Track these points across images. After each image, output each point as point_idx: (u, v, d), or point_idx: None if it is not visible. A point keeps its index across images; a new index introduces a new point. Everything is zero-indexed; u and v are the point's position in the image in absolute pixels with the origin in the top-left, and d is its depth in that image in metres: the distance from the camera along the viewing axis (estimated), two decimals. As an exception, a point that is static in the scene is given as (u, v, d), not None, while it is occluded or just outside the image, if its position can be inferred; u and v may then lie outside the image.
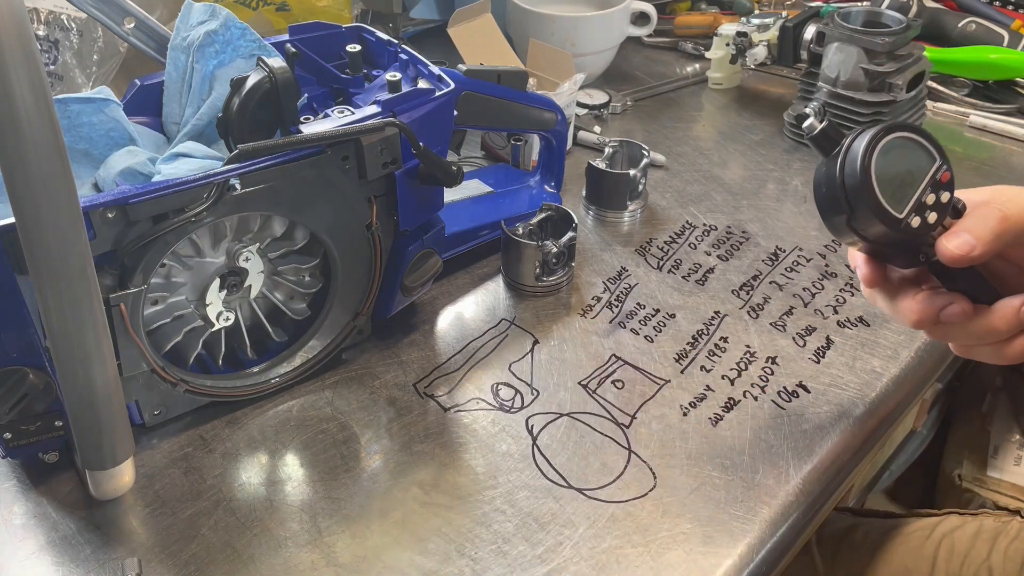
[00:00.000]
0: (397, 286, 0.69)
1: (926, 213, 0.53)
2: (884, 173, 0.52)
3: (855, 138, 0.53)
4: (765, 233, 0.86)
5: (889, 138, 0.53)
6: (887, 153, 0.53)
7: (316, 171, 0.60)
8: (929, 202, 0.53)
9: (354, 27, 0.75)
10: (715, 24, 1.17)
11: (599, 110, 1.07)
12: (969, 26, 1.13)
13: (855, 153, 0.52)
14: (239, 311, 0.65)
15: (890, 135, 0.53)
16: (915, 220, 0.53)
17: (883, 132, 0.53)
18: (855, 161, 0.52)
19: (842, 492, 0.65)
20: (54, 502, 0.59)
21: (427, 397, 0.68)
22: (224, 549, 0.56)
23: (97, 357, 0.50)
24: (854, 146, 0.53)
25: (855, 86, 0.95)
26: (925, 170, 0.53)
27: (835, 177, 0.53)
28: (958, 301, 0.54)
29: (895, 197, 0.52)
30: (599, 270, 0.81)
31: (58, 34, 0.91)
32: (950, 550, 0.82)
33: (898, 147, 0.53)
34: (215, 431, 0.64)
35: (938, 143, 0.54)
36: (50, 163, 0.43)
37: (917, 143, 0.54)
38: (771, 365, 0.71)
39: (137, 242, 0.54)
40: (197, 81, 0.67)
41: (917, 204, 0.53)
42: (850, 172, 0.52)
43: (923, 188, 0.53)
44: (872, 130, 0.53)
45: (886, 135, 0.53)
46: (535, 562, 0.56)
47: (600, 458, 0.63)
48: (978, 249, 0.51)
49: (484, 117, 0.77)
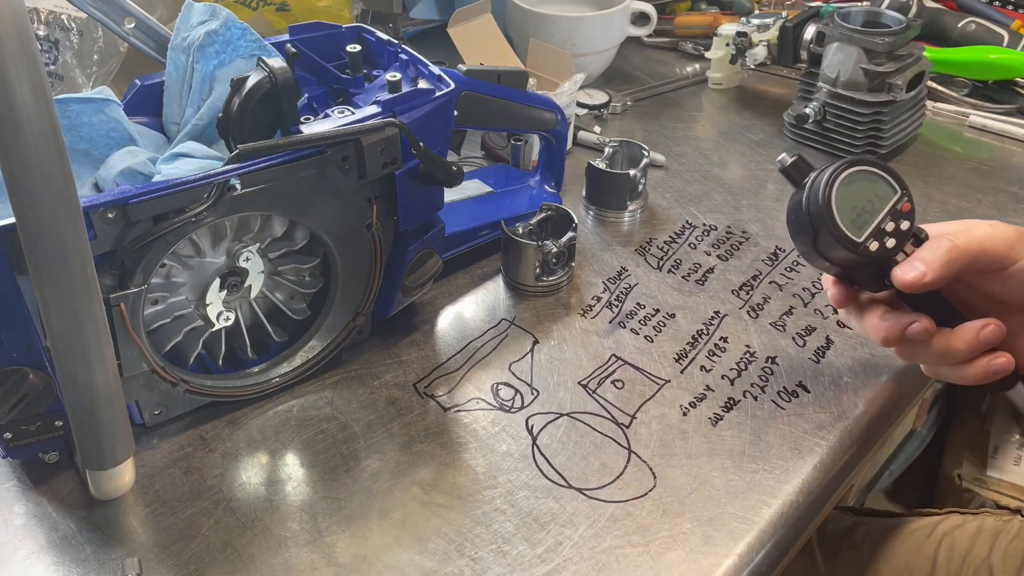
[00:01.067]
0: (397, 286, 0.69)
1: (885, 239, 0.58)
2: (845, 201, 0.57)
3: (821, 171, 0.59)
4: (765, 233, 0.86)
5: (851, 171, 0.58)
6: (849, 184, 0.58)
7: (316, 171, 0.60)
8: (888, 229, 0.58)
9: (354, 27, 0.75)
10: (715, 24, 1.18)
11: (599, 110, 1.07)
12: (969, 26, 1.13)
13: (819, 183, 0.58)
14: (239, 311, 0.65)
15: (852, 168, 0.58)
16: (873, 244, 0.57)
17: (846, 165, 0.58)
18: (819, 189, 0.58)
19: (842, 492, 0.65)
20: (54, 502, 0.59)
21: (427, 397, 0.68)
22: (224, 549, 0.56)
23: (97, 357, 0.50)
24: (819, 177, 0.59)
25: (855, 86, 0.95)
26: (885, 200, 0.59)
27: (802, 204, 0.59)
28: (921, 320, 0.58)
29: (855, 223, 0.58)
30: (599, 270, 0.81)
31: (58, 34, 0.92)
32: (951, 549, 0.82)
33: (860, 179, 0.58)
34: (215, 431, 0.64)
35: (900, 177, 0.60)
36: (50, 163, 0.43)
37: (879, 176, 0.59)
38: (771, 365, 0.71)
39: (137, 242, 0.54)
40: (197, 81, 0.67)
41: (876, 230, 0.58)
42: (813, 199, 0.58)
43: (883, 216, 0.58)
44: (837, 164, 0.58)
45: (848, 168, 0.58)
46: (535, 562, 0.56)
47: (600, 458, 0.63)
48: (929, 276, 0.56)
49: (484, 117, 0.77)
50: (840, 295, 0.63)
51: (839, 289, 0.63)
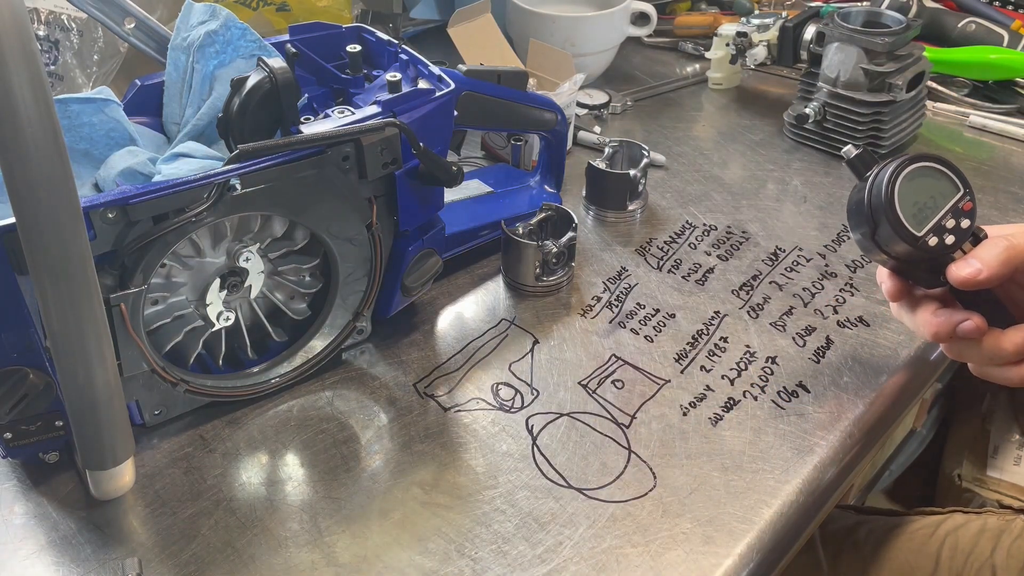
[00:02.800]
0: (397, 286, 0.69)
1: (944, 235, 0.58)
2: (907, 195, 0.58)
3: (886, 163, 0.59)
4: (765, 233, 0.86)
5: (916, 166, 0.58)
6: (913, 179, 0.58)
7: (316, 171, 0.60)
8: (948, 226, 0.58)
9: (354, 27, 0.75)
10: (715, 24, 1.17)
11: (599, 110, 1.07)
12: (969, 26, 1.13)
13: (883, 175, 0.58)
14: (239, 311, 0.65)
15: (917, 163, 0.58)
16: (933, 240, 0.58)
17: (911, 160, 0.58)
18: (882, 182, 0.58)
19: (842, 492, 0.65)
20: (54, 502, 0.59)
21: (427, 397, 0.68)
22: (224, 549, 0.56)
23: (97, 357, 0.50)
24: (883, 170, 0.59)
25: (855, 86, 0.95)
26: (948, 197, 0.59)
27: (864, 196, 0.59)
28: (973, 318, 0.58)
29: (916, 218, 0.58)
30: (599, 270, 0.81)
31: (58, 34, 0.92)
32: (953, 548, 0.82)
33: (924, 175, 0.59)
34: (215, 431, 0.64)
35: (964, 176, 0.59)
36: (50, 163, 0.43)
37: (943, 173, 0.59)
38: (771, 365, 0.71)
39: (137, 242, 0.54)
40: (197, 81, 0.67)
41: (936, 226, 0.58)
42: (876, 192, 0.58)
43: (944, 212, 0.58)
44: (902, 158, 0.58)
45: (913, 163, 0.58)
46: (535, 562, 0.56)
47: (600, 458, 0.63)
48: (984, 273, 0.56)
49: (484, 117, 0.77)
50: (895, 289, 0.63)
51: (894, 282, 0.63)
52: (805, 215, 0.89)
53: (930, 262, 0.59)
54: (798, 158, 0.99)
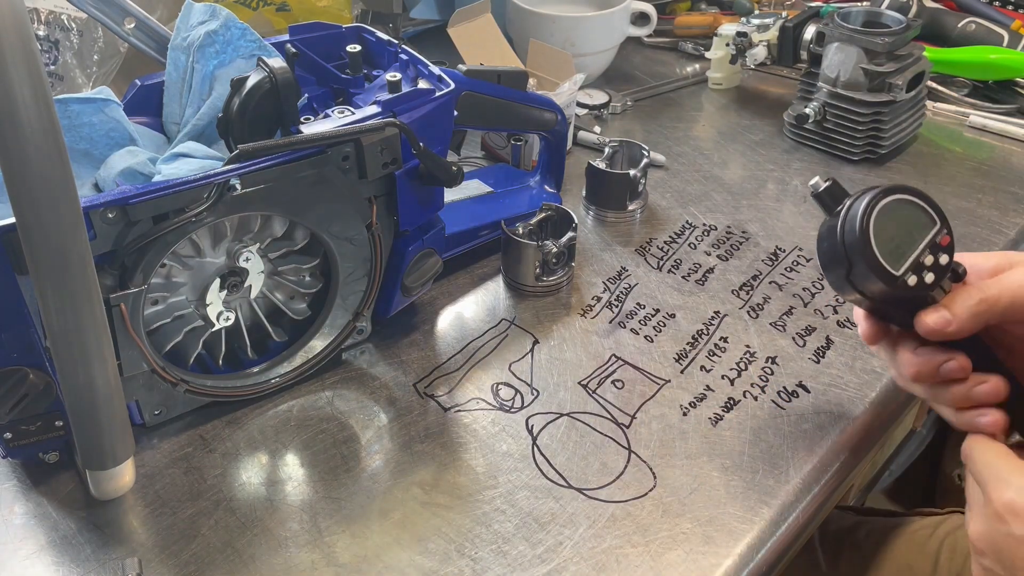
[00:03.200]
0: (397, 286, 0.69)
1: (923, 273, 0.54)
2: (883, 231, 0.54)
3: (858, 197, 0.55)
4: (765, 233, 0.86)
5: (890, 199, 0.55)
6: (887, 213, 0.54)
7: (316, 171, 0.60)
8: (927, 263, 0.54)
9: (354, 27, 0.75)
10: (715, 24, 1.17)
11: (599, 110, 1.07)
12: (969, 26, 1.13)
13: (856, 210, 0.54)
14: (239, 311, 0.65)
15: (891, 196, 0.55)
16: (912, 279, 0.54)
17: (884, 193, 0.55)
18: (855, 218, 0.54)
19: (842, 492, 0.65)
20: (54, 502, 0.59)
21: (427, 397, 0.68)
22: (224, 549, 0.56)
23: (97, 357, 0.50)
24: (856, 204, 0.55)
25: (855, 86, 0.95)
26: (924, 232, 0.55)
27: (836, 233, 0.55)
28: (957, 358, 0.55)
29: (893, 255, 0.54)
30: (599, 270, 0.81)
31: (58, 34, 0.92)
32: (953, 548, 0.82)
33: (898, 208, 0.55)
34: (215, 431, 0.64)
35: (940, 208, 0.56)
36: (50, 163, 0.43)
37: (918, 206, 0.56)
38: (771, 365, 0.71)
39: (137, 242, 0.54)
40: (197, 81, 0.67)
41: (915, 264, 0.54)
42: (850, 228, 0.54)
43: (921, 249, 0.55)
44: (875, 190, 0.55)
45: (887, 196, 0.55)
46: (535, 562, 0.56)
47: (600, 458, 0.63)
48: (953, 326, 0.53)
49: (484, 117, 0.77)
50: (871, 331, 0.59)
51: (870, 324, 0.59)
52: (805, 215, 0.89)
53: (908, 302, 0.55)
54: (798, 158, 0.99)
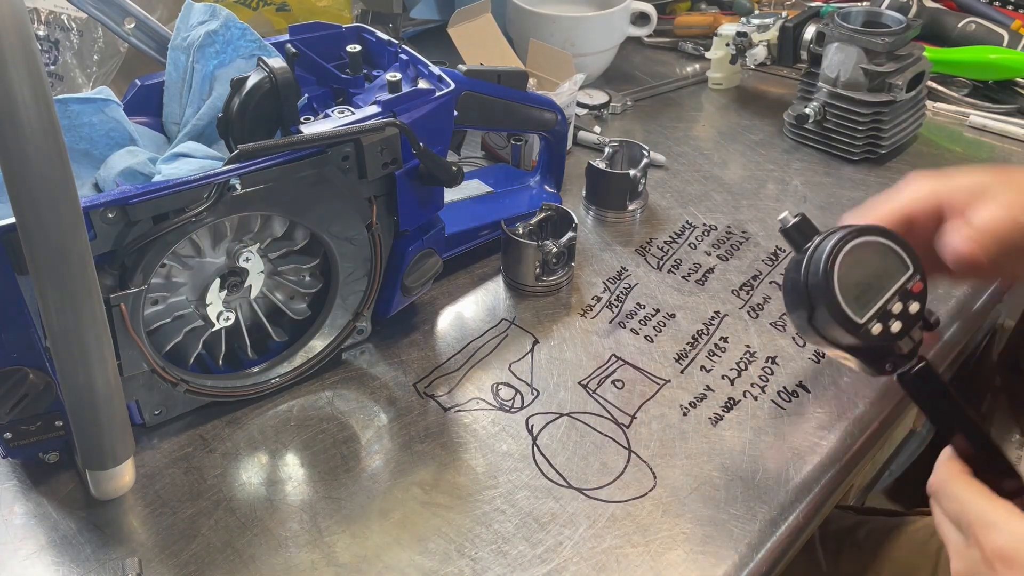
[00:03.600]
0: (397, 286, 0.69)
1: (890, 322, 0.52)
2: (849, 275, 0.51)
3: (826, 236, 0.53)
4: (765, 233, 0.86)
5: (859, 240, 0.52)
6: (855, 255, 0.51)
7: (316, 171, 0.60)
8: (895, 311, 0.52)
9: (354, 27, 0.75)
10: (715, 24, 1.17)
11: (599, 110, 1.07)
12: (969, 26, 1.13)
13: (822, 251, 0.52)
14: (239, 311, 0.65)
15: (861, 237, 0.52)
16: (876, 327, 0.51)
17: (854, 234, 0.52)
18: (820, 259, 0.51)
19: (842, 492, 0.65)
20: (54, 502, 0.59)
21: (427, 397, 0.68)
22: (224, 549, 0.56)
23: (97, 357, 0.50)
24: (823, 244, 0.52)
25: (855, 86, 0.95)
26: (895, 277, 0.52)
27: (800, 272, 0.53)
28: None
29: (858, 301, 0.51)
30: (599, 270, 0.81)
31: (58, 34, 0.92)
32: (952, 548, 0.82)
33: (868, 251, 0.52)
34: (215, 431, 0.64)
35: (914, 252, 0.53)
36: (50, 163, 0.43)
37: (890, 249, 0.53)
38: (771, 365, 0.71)
39: (137, 242, 0.54)
40: (197, 81, 0.67)
41: (881, 311, 0.52)
42: (814, 270, 0.52)
43: (890, 295, 0.52)
44: (845, 230, 0.52)
45: (857, 237, 0.52)
46: (535, 562, 0.56)
47: (600, 458, 0.63)
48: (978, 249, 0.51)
49: (484, 117, 0.77)
50: None
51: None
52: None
53: (872, 351, 0.53)
54: (798, 158, 0.99)
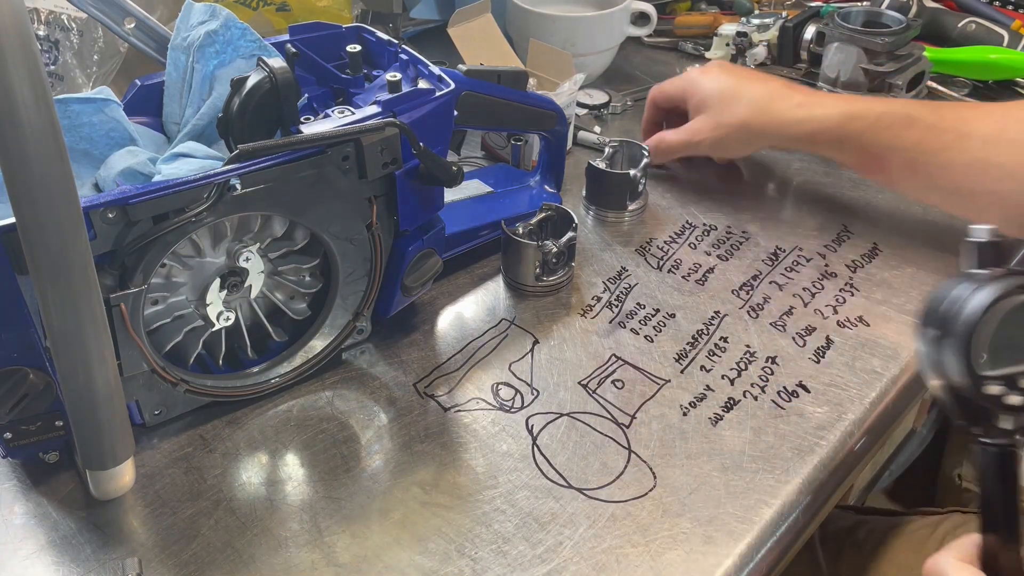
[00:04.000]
0: (397, 286, 0.69)
1: (1012, 393, 0.48)
2: (1006, 324, 0.47)
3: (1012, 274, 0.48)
4: (765, 233, 0.86)
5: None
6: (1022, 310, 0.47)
7: (316, 171, 0.60)
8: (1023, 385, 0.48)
9: (354, 27, 0.75)
10: (715, 24, 1.17)
11: (599, 110, 1.07)
12: (969, 26, 1.13)
13: (1000, 285, 0.47)
14: (239, 311, 0.65)
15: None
16: (995, 388, 0.47)
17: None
18: (994, 291, 0.47)
19: (842, 492, 0.65)
20: (54, 502, 0.59)
21: (427, 397, 0.68)
22: (224, 549, 0.56)
23: (97, 357, 0.50)
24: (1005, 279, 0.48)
25: (855, 86, 0.95)
26: None
27: (960, 292, 0.49)
28: None
29: (996, 355, 0.47)
30: (599, 270, 0.81)
31: (58, 34, 0.91)
32: (953, 548, 0.82)
33: None
34: (215, 431, 0.64)
35: None
36: (50, 163, 0.43)
37: None
38: (771, 365, 0.71)
39: (137, 242, 0.54)
40: (197, 81, 0.67)
41: (1010, 377, 0.47)
42: (981, 298, 0.47)
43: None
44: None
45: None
46: (535, 562, 0.56)
47: (600, 458, 0.63)
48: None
49: (484, 117, 0.77)
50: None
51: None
52: (805, 215, 0.89)
53: (976, 407, 0.49)
54: (798, 158, 0.99)
